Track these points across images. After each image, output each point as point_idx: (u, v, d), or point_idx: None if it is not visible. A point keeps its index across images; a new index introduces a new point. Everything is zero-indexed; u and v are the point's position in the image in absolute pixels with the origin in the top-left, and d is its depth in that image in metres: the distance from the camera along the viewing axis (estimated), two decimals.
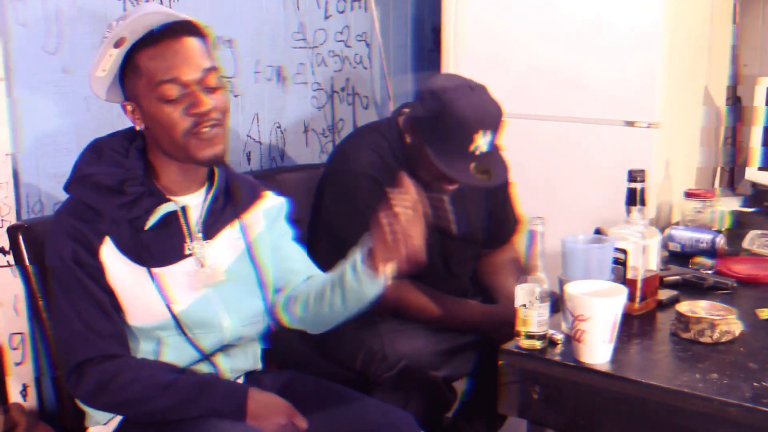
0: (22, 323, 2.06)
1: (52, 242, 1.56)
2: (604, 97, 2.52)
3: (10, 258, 1.95)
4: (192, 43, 1.53)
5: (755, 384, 1.42)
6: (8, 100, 1.99)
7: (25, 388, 2.08)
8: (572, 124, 2.59)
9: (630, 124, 2.48)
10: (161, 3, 2.28)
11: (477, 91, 2.01)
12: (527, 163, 2.65)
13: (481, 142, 1.94)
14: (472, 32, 2.74)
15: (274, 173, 2.55)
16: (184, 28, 1.53)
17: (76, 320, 1.52)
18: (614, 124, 2.51)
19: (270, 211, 1.77)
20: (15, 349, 2.07)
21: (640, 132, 2.46)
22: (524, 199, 2.46)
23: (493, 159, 1.99)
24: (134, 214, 1.55)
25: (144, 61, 1.51)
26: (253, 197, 1.74)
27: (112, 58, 1.52)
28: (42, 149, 2.09)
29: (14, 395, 2.07)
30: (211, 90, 1.54)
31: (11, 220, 2.00)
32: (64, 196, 2.11)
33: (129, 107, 1.57)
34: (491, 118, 1.97)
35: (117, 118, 2.21)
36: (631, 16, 2.44)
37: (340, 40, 2.90)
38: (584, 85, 2.54)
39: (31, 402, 2.10)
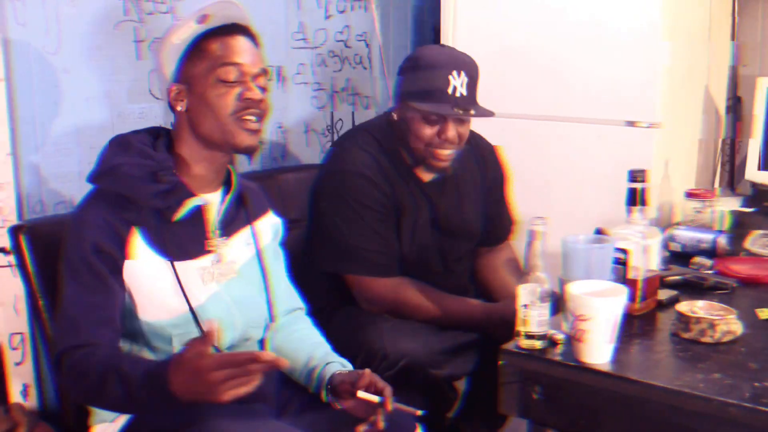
0: (22, 323, 2.06)
1: (74, 232, 1.56)
2: (605, 97, 2.52)
3: (11, 258, 1.95)
4: (254, 47, 1.66)
5: (756, 384, 1.42)
6: (8, 100, 1.99)
7: (25, 388, 2.09)
8: (573, 124, 2.59)
9: (631, 124, 2.48)
10: (163, 2, 2.28)
11: (446, 46, 2.21)
12: (528, 163, 2.65)
13: (458, 83, 2.01)
14: (472, 32, 2.74)
15: (276, 173, 2.55)
16: (251, 33, 1.66)
17: (72, 308, 1.52)
18: (615, 124, 2.51)
19: (275, 226, 1.83)
20: (15, 349, 2.07)
21: (641, 132, 2.47)
22: (525, 199, 2.46)
23: (475, 104, 2.06)
24: (169, 203, 1.58)
25: (212, 46, 1.60)
26: (263, 207, 1.81)
27: (191, 29, 1.61)
28: (43, 149, 2.09)
29: (15, 395, 2.07)
30: (263, 87, 1.64)
31: (13, 220, 2.00)
32: (65, 196, 2.13)
33: (175, 89, 1.62)
34: (463, 60, 2.07)
35: (117, 119, 2.22)
36: (631, 16, 2.45)
37: (341, 40, 2.90)
38: (585, 85, 2.55)
39: (32, 402, 2.10)
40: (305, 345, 1.78)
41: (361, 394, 1.58)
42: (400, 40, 3.15)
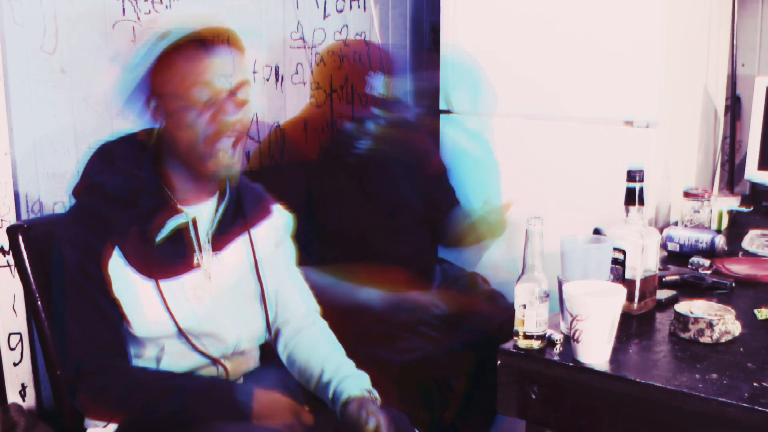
0: (20, 323, 2.06)
1: (57, 250, 1.54)
2: (603, 96, 2.51)
3: (9, 258, 1.95)
4: (229, 53, 1.53)
5: (754, 384, 1.42)
6: (6, 99, 1.99)
7: (23, 388, 2.08)
8: (571, 124, 2.59)
9: (628, 123, 2.48)
10: (161, 2, 2.28)
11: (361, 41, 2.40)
12: (526, 162, 2.65)
13: (375, 83, 2.20)
14: (470, 32, 2.74)
15: (274, 173, 2.54)
16: (224, 37, 1.53)
17: (77, 330, 1.52)
18: (613, 124, 2.51)
19: (278, 228, 1.77)
20: (13, 349, 2.07)
21: (639, 132, 2.46)
22: (523, 198, 2.46)
23: (393, 101, 2.26)
24: (150, 224, 1.53)
25: (181, 60, 1.50)
26: (263, 211, 1.74)
27: (160, 42, 1.51)
28: (41, 149, 2.09)
29: (13, 395, 2.07)
30: (239, 103, 1.54)
31: (11, 219, 2.00)
32: (63, 196, 2.12)
33: (151, 103, 1.55)
34: (380, 59, 2.27)
35: (116, 118, 2.21)
36: (630, 15, 2.44)
37: (339, 40, 2.89)
38: (583, 85, 2.54)
39: (30, 402, 2.09)
40: (317, 356, 1.73)
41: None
42: (398, 39, 3.14)
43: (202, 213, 1.62)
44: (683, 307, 1.67)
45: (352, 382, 1.64)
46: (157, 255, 1.55)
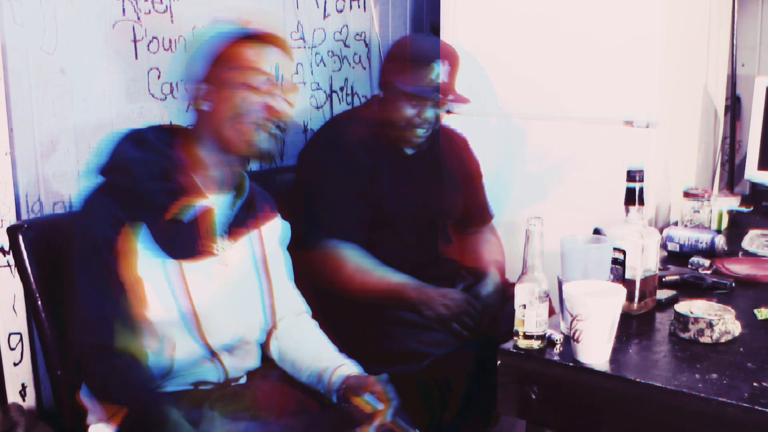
0: (20, 323, 2.06)
1: (85, 224, 1.57)
2: (603, 96, 2.51)
3: (10, 258, 1.95)
4: (287, 61, 1.68)
5: (754, 384, 1.42)
6: (6, 99, 1.99)
7: (23, 388, 2.08)
8: (571, 124, 2.59)
9: (629, 123, 2.48)
10: (161, 2, 2.28)
11: (432, 36, 2.43)
12: (527, 162, 2.65)
13: (441, 71, 2.20)
14: (470, 32, 2.74)
15: (273, 173, 2.54)
16: (285, 45, 1.68)
17: (96, 305, 1.54)
18: (613, 124, 2.51)
19: (281, 231, 1.85)
20: (13, 349, 2.07)
21: (639, 132, 2.46)
22: (523, 198, 2.46)
23: (453, 90, 2.26)
24: (176, 201, 1.59)
25: (243, 50, 1.62)
26: (271, 213, 1.83)
27: (227, 32, 1.64)
28: (41, 149, 2.09)
29: (13, 395, 2.07)
30: (289, 102, 1.66)
31: (11, 219, 2.00)
32: (63, 196, 2.13)
33: (202, 88, 1.63)
34: (446, 50, 2.26)
35: (116, 118, 2.21)
36: (629, 15, 2.44)
37: (339, 40, 2.89)
38: (583, 85, 2.54)
39: (30, 402, 2.10)
40: (312, 347, 1.79)
41: (358, 400, 1.58)
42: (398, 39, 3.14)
43: (220, 204, 1.68)
44: (683, 307, 1.67)
45: (349, 368, 1.71)
46: (179, 235, 1.60)
